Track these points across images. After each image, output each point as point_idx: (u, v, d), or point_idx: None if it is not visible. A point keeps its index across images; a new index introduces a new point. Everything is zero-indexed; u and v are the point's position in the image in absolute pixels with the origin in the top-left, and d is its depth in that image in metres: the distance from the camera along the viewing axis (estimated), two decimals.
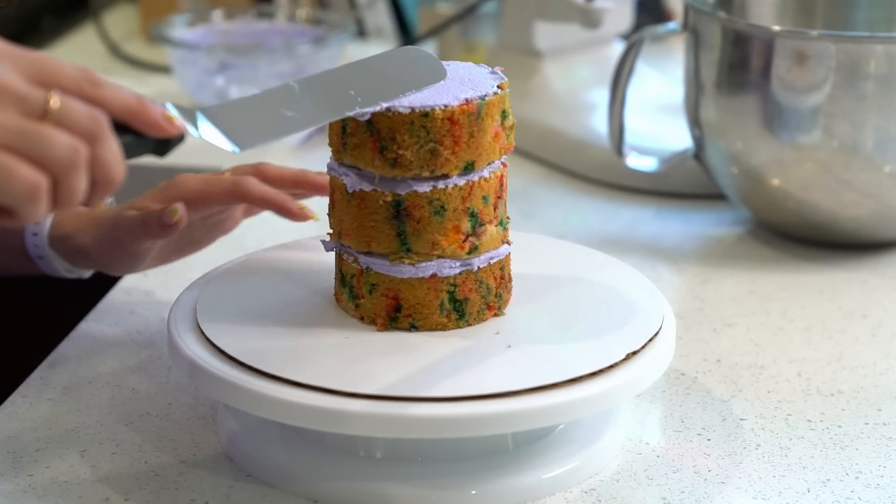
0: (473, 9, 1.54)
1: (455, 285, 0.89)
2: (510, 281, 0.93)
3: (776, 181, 1.20)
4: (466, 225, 0.88)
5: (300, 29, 1.62)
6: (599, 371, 0.85)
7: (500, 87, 0.88)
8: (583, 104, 1.44)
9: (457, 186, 0.87)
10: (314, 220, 0.96)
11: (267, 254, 1.00)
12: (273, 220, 1.10)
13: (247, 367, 0.84)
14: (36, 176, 0.69)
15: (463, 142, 0.86)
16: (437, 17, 1.58)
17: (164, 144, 0.76)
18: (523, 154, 1.41)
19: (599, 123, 1.37)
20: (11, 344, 1.17)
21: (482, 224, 0.89)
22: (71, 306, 1.12)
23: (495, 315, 0.91)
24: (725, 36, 1.19)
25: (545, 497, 0.87)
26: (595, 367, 0.85)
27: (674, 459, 0.91)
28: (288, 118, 0.82)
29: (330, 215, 0.91)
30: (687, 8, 1.24)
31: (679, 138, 1.30)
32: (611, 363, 0.85)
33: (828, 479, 0.89)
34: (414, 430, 0.82)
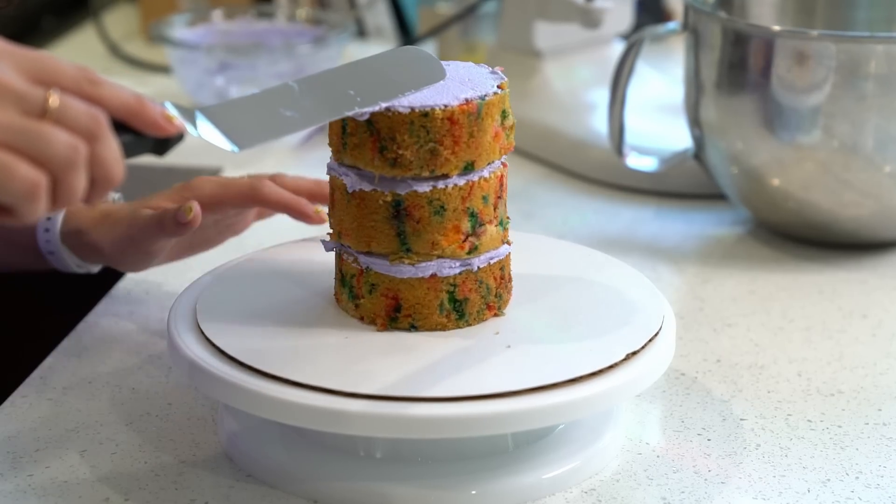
0: (473, 9, 1.54)
1: (455, 285, 0.89)
2: (510, 281, 0.93)
3: (776, 181, 1.19)
4: (466, 225, 0.88)
5: (300, 29, 1.62)
6: (599, 371, 0.85)
7: (500, 87, 0.88)
8: (583, 104, 1.44)
9: (457, 186, 0.87)
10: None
11: (267, 254, 1.00)
12: (273, 220, 1.10)
13: (247, 367, 0.84)
14: (35, 174, 0.69)
15: (463, 142, 0.86)
16: (437, 17, 1.58)
17: (164, 144, 0.76)
18: (523, 154, 1.41)
19: (599, 123, 1.37)
20: (11, 344, 1.17)
21: (482, 224, 0.89)
22: (71, 306, 1.12)
23: (495, 315, 0.91)
24: (725, 36, 1.19)
25: (545, 497, 0.87)
26: (595, 368, 0.85)
27: (674, 459, 0.91)
28: (287, 118, 0.82)
29: (330, 215, 0.91)
30: (687, 8, 1.24)
31: (679, 138, 1.30)
32: (611, 363, 0.85)
33: (828, 480, 0.89)
34: (414, 430, 0.82)
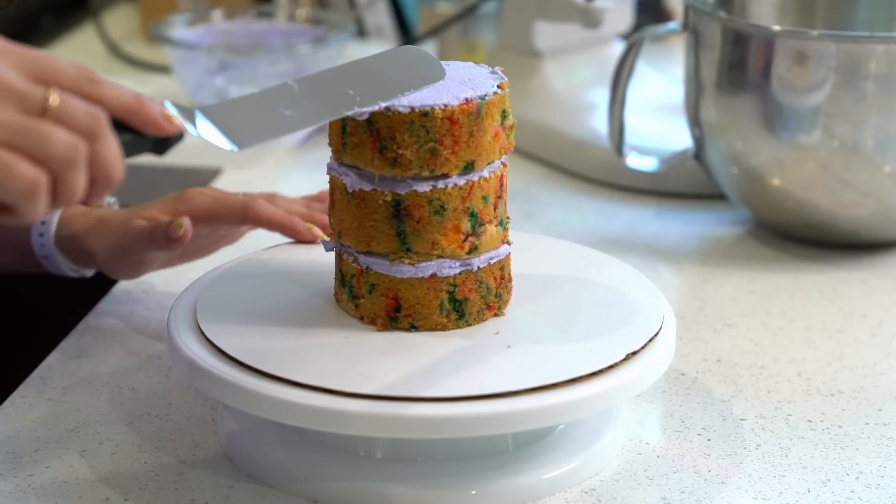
0: (473, 9, 1.54)
1: (455, 285, 0.89)
2: (510, 281, 0.93)
3: (776, 181, 1.19)
4: (466, 225, 0.88)
5: (300, 29, 1.62)
6: (599, 371, 0.85)
7: (500, 87, 0.88)
8: (583, 104, 1.44)
9: (457, 186, 0.87)
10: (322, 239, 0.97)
11: (267, 254, 1.00)
12: None
13: (246, 367, 0.84)
14: (35, 173, 0.69)
15: (463, 141, 0.86)
16: (437, 17, 1.58)
17: (163, 143, 0.75)
18: (523, 154, 1.41)
19: (599, 123, 1.37)
20: (11, 344, 1.17)
21: (482, 224, 0.89)
22: (71, 306, 1.12)
23: (495, 315, 0.91)
24: (725, 36, 1.19)
25: (545, 497, 0.87)
26: (595, 368, 0.85)
27: (674, 459, 0.91)
28: (287, 117, 0.82)
29: (330, 215, 0.91)
30: (687, 8, 1.24)
31: (679, 138, 1.30)
32: (611, 363, 0.85)
33: (828, 480, 0.89)
34: (414, 430, 0.82)
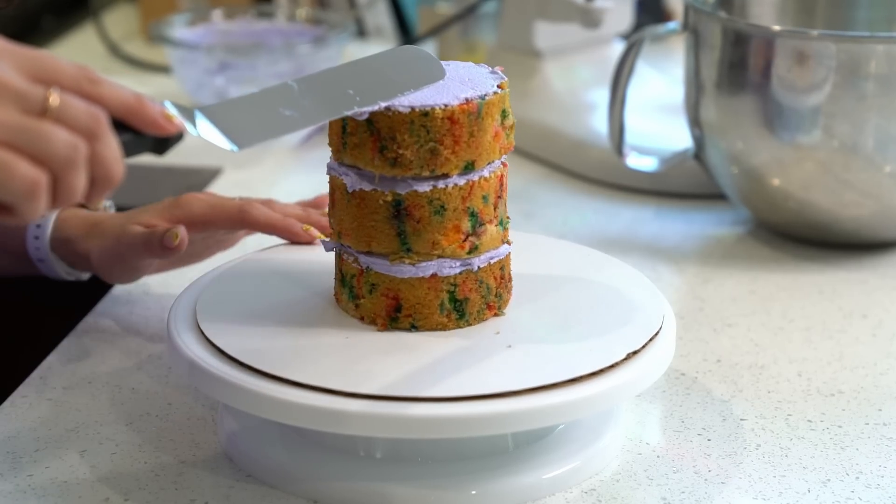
0: (473, 9, 1.54)
1: (455, 285, 0.89)
2: (510, 281, 0.92)
3: (776, 181, 1.19)
4: (466, 224, 0.88)
5: (300, 29, 1.62)
6: (600, 371, 0.85)
7: (500, 87, 0.88)
8: (583, 104, 1.44)
9: (457, 186, 0.87)
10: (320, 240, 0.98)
11: (267, 254, 1.00)
12: None
13: (246, 367, 0.84)
14: (35, 173, 0.69)
15: (463, 141, 0.86)
16: (437, 17, 1.58)
17: (163, 143, 0.75)
18: (523, 154, 1.41)
19: (599, 123, 1.37)
20: (11, 344, 1.17)
21: (482, 224, 0.89)
22: (70, 306, 1.12)
23: (495, 315, 0.91)
24: (726, 36, 1.19)
25: (545, 497, 0.87)
26: (595, 367, 0.85)
27: (674, 459, 0.91)
28: (286, 117, 0.81)
29: (330, 215, 0.91)
30: (687, 8, 1.24)
31: (679, 138, 1.30)
32: (611, 363, 0.85)
33: (828, 480, 0.89)
34: (414, 430, 0.82)
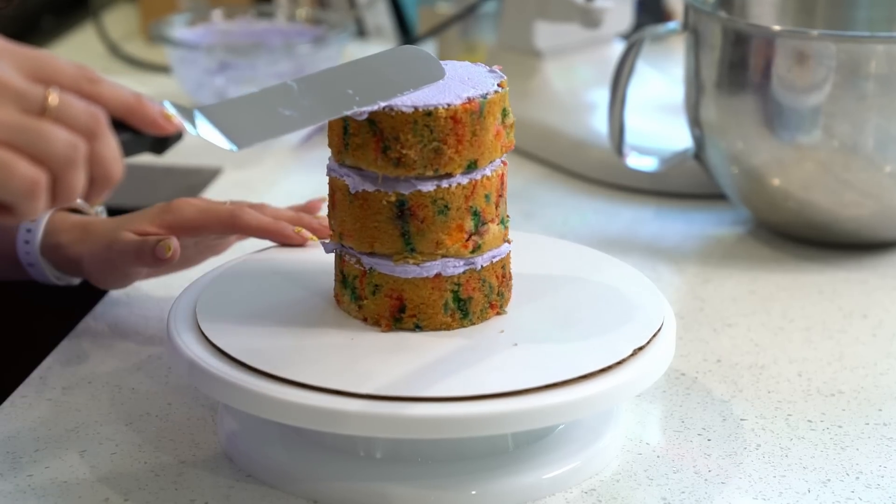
0: (473, 9, 1.54)
1: (459, 284, 0.89)
2: (510, 279, 0.93)
3: (776, 181, 1.19)
4: (470, 224, 0.88)
5: (300, 29, 1.62)
6: (600, 371, 0.85)
7: (501, 86, 0.88)
8: (583, 104, 1.44)
9: (460, 185, 0.87)
10: (312, 241, 0.99)
11: (267, 254, 1.00)
12: None
13: (246, 367, 0.84)
14: (35, 172, 0.69)
15: (466, 140, 0.86)
16: (437, 17, 1.58)
17: (162, 142, 0.75)
18: (523, 154, 1.41)
19: (599, 123, 1.37)
20: (11, 344, 1.17)
21: (485, 222, 0.89)
22: (70, 307, 1.12)
23: (498, 314, 0.91)
24: (726, 36, 1.19)
25: (545, 497, 0.87)
26: (596, 367, 0.84)
27: (674, 460, 0.91)
28: (286, 117, 0.81)
29: (330, 217, 0.91)
30: (687, 8, 1.24)
31: (679, 138, 1.30)
32: (611, 363, 0.85)
33: (828, 480, 0.89)
34: (413, 430, 0.82)
